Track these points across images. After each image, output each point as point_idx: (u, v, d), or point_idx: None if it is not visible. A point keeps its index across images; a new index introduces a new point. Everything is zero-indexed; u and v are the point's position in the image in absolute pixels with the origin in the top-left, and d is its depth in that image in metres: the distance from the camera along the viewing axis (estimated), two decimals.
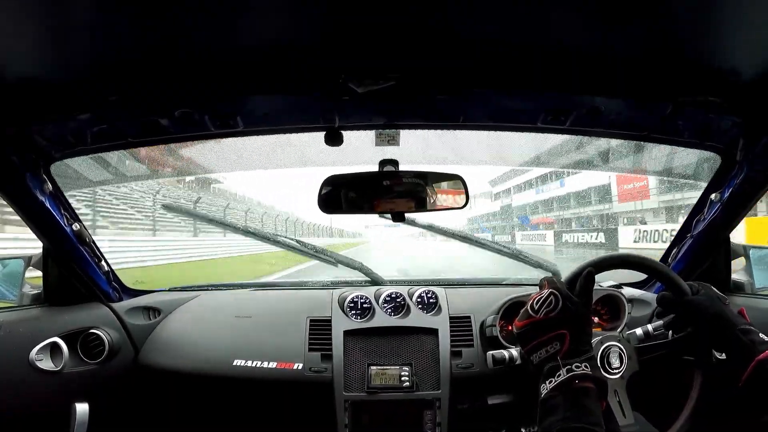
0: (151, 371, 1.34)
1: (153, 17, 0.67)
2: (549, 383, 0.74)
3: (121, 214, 11.88)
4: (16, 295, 1.30)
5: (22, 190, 1.09)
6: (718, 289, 0.94)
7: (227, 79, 0.88)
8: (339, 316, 1.37)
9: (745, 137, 1.05)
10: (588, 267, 0.86)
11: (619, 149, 1.41)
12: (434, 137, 1.25)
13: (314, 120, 1.08)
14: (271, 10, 0.68)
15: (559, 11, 0.68)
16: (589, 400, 0.71)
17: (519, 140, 1.28)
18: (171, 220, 12.91)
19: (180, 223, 13.06)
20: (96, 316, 1.33)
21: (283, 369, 1.26)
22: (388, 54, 0.80)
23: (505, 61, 0.83)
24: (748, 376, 0.80)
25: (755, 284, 1.36)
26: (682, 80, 0.88)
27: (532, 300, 0.81)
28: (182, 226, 13.17)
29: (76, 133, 1.03)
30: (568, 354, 0.75)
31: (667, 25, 0.72)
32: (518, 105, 1.03)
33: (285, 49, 0.79)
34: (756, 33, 0.72)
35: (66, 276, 1.29)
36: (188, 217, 11.65)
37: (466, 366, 1.28)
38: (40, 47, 0.74)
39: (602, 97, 0.96)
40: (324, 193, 1.09)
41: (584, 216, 20.24)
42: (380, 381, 1.24)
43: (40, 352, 1.17)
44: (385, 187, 1.10)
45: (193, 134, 1.10)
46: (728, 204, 1.19)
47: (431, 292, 1.44)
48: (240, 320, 1.40)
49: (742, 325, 0.85)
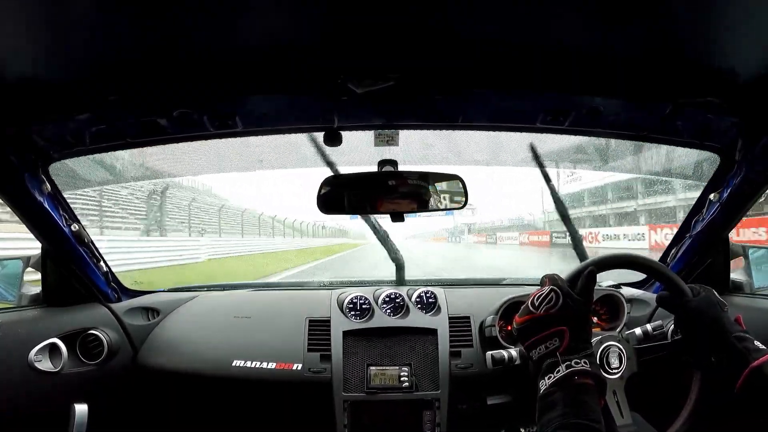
0: (150, 372, 1.34)
1: (152, 17, 0.67)
2: (548, 379, 0.74)
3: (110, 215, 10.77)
4: (14, 296, 1.30)
5: (21, 191, 1.09)
6: (716, 289, 0.94)
7: (226, 79, 0.88)
8: (338, 316, 1.36)
9: (744, 137, 1.06)
10: (590, 266, 0.86)
11: (620, 149, 1.41)
12: (433, 137, 1.25)
13: (313, 120, 1.08)
14: (270, 10, 0.68)
15: (558, 11, 0.68)
16: (588, 397, 0.71)
17: (518, 140, 1.28)
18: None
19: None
20: (95, 316, 1.32)
21: (282, 369, 1.26)
22: (387, 54, 0.80)
23: (504, 61, 0.83)
24: (742, 383, 0.80)
25: (754, 284, 1.36)
26: (682, 81, 0.88)
27: (533, 296, 0.81)
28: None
29: (75, 133, 1.03)
30: (568, 350, 0.75)
31: (667, 26, 0.72)
32: (517, 105, 1.03)
33: (284, 50, 0.79)
34: (755, 33, 0.72)
35: (65, 276, 1.29)
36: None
37: (466, 366, 1.28)
38: (39, 47, 0.74)
39: (601, 97, 0.97)
40: (323, 194, 1.09)
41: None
42: (379, 381, 1.24)
43: (39, 352, 1.16)
44: (384, 188, 1.10)
45: (192, 134, 1.10)
46: (727, 204, 1.20)
47: (430, 293, 1.43)
48: (239, 321, 1.40)
49: (738, 332, 0.85)
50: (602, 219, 18.21)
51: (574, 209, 19.77)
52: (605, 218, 17.98)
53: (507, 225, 26.90)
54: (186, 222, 12.91)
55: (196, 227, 13.41)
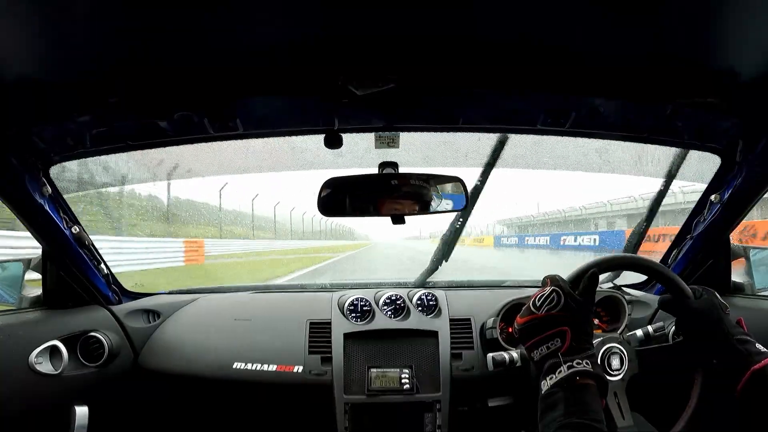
0: (150, 374, 1.34)
1: (153, 19, 0.67)
2: (550, 379, 0.74)
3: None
4: (15, 299, 1.30)
5: (21, 193, 1.09)
6: (717, 290, 0.94)
7: (226, 82, 0.88)
8: (339, 318, 1.36)
9: (745, 138, 1.06)
10: (592, 267, 0.86)
11: (621, 150, 1.41)
12: (434, 139, 1.25)
13: (314, 122, 1.07)
14: (270, 12, 0.68)
15: (559, 12, 0.68)
16: (589, 397, 0.71)
17: (519, 142, 1.28)
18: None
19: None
20: (95, 319, 1.32)
21: (283, 372, 1.26)
22: (387, 56, 0.80)
23: (504, 62, 0.83)
24: (744, 386, 0.80)
25: (755, 285, 1.36)
26: (682, 81, 0.88)
27: (535, 297, 0.81)
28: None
29: (76, 135, 1.03)
30: (570, 351, 0.75)
31: (667, 26, 0.72)
32: (518, 107, 1.03)
33: (284, 52, 0.79)
34: (755, 34, 0.72)
35: (65, 279, 1.29)
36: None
37: (467, 368, 1.27)
38: (39, 49, 0.74)
39: (602, 98, 0.97)
40: (324, 196, 1.09)
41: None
42: (380, 383, 1.24)
43: (39, 355, 1.16)
44: (385, 190, 1.10)
45: (192, 137, 1.09)
46: (728, 205, 1.20)
47: (431, 295, 1.43)
48: (240, 323, 1.40)
49: (739, 335, 0.85)
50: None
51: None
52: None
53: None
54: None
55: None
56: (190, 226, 15.08)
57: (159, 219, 13.23)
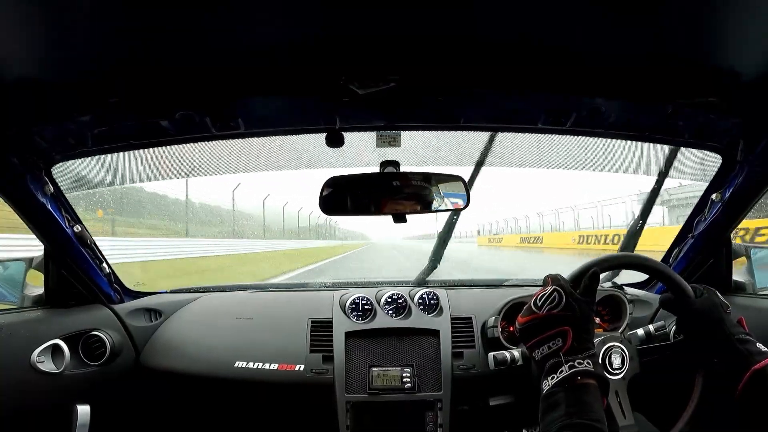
0: (152, 373, 1.34)
1: (153, 19, 0.67)
2: (551, 379, 0.74)
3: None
4: (17, 297, 1.30)
5: (23, 192, 1.09)
6: (718, 289, 0.94)
7: (227, 81, 0.88)
8: (340, 317, 1.37)
9: (745, 138, 1.06)
10: (593, 266, 0.86)
11: (621, 149, 1.41)
12: (435, 138, 1.25)
13: (315, 122, 1.08)
14: (270, 12, 0.68)
15: (559, 12, 0.68)
16: (591, 397, 0.71)
17: (521, 141, 1.28)
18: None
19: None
20: (97, 317, 1.33)
21: (284, 371, 1.26)
22: (388, 55, 0.80)
23: (505, 62, 0.83)
24: (744, 385, 0.80)
25: (756, 284, 1.36)
26: (683, 81, 0.88)
27: (536, 296, 0.81)
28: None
29: (77, 134, 1.03)
30: (571, 351, 0.75)
31: (668, 26, 0.72)
32: (519, 106, 1.03)
33: (285, 51, 0.79)
34: (755, 34, 0.72)
35: (67, 278, 1.29)
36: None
37: (468, 367, 1.28)
38: (40, 48, 0.74)
39: (603, 97, 0.97)
40: (325, 195, 1.09)
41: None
42: (381, 382, 1.24)
43: (41, 353, 1.16)
44: (386, 189, 1.10)
45: (194, 136, 1.10)
46: (729, 204, 1.20)
47: (432, 294, 1.43)
48: (241, 322, 1.40)
49: (740, 335, 0.85)
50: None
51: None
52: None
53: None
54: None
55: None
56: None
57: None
